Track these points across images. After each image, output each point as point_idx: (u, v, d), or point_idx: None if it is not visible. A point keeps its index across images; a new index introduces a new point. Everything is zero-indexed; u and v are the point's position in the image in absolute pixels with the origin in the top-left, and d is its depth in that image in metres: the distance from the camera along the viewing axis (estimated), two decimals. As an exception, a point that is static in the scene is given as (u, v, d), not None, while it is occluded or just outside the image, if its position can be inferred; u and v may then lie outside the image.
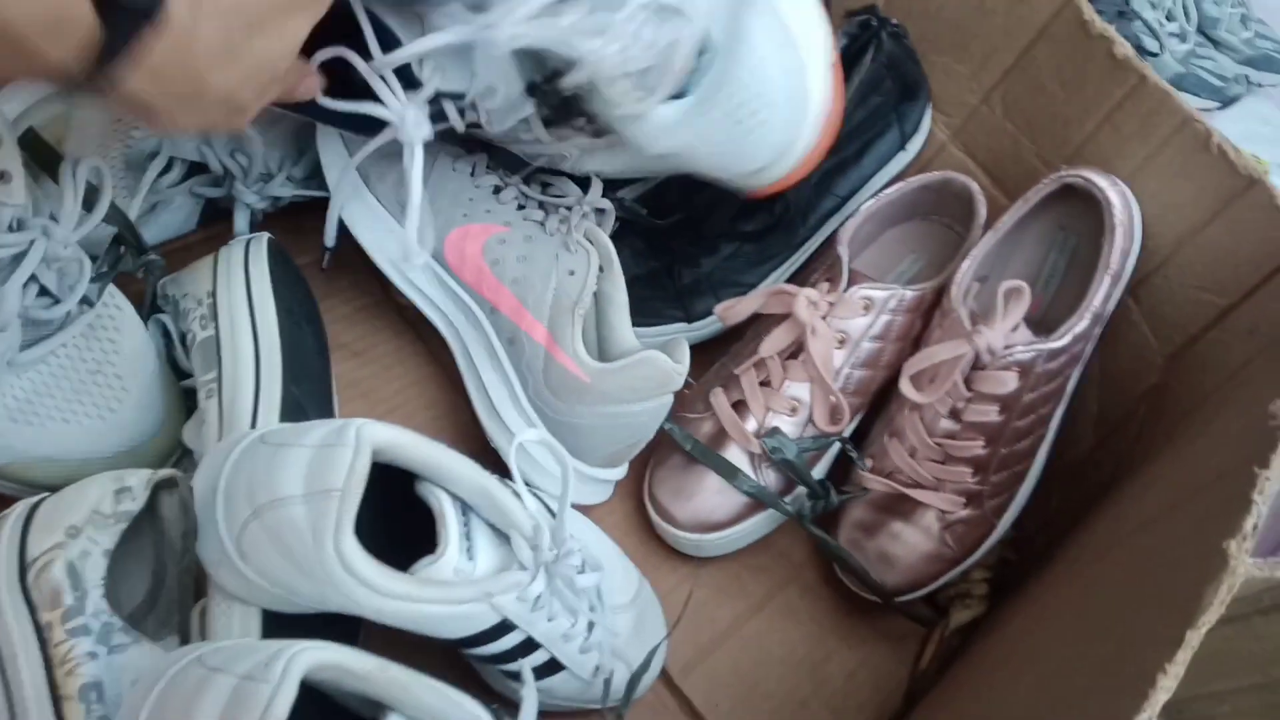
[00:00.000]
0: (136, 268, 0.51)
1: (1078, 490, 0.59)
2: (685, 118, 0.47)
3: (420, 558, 0.41)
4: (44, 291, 0.45)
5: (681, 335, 0.62)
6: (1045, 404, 0.54)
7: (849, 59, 0.63)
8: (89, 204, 0.46)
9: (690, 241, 0.64)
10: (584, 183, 0.55)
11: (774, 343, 0.56)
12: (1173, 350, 0.57)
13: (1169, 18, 1.20)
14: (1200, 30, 1.25)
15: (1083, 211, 0.56)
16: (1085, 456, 0.61)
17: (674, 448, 0.57)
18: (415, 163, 0.45)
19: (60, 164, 0.46)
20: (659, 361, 0.49)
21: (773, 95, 0.48)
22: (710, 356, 0.62)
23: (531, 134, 0.50)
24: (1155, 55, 1.12)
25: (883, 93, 0.64)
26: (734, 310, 0.58)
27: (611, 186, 0.57)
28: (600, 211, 0.56)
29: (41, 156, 0.47)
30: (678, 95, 0.47)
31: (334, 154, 0.54)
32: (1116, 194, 0.54)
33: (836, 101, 0.51)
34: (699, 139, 0.48)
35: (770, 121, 0.49)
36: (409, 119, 0.44)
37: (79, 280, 0.46)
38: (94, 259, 0.48)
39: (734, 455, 0.56)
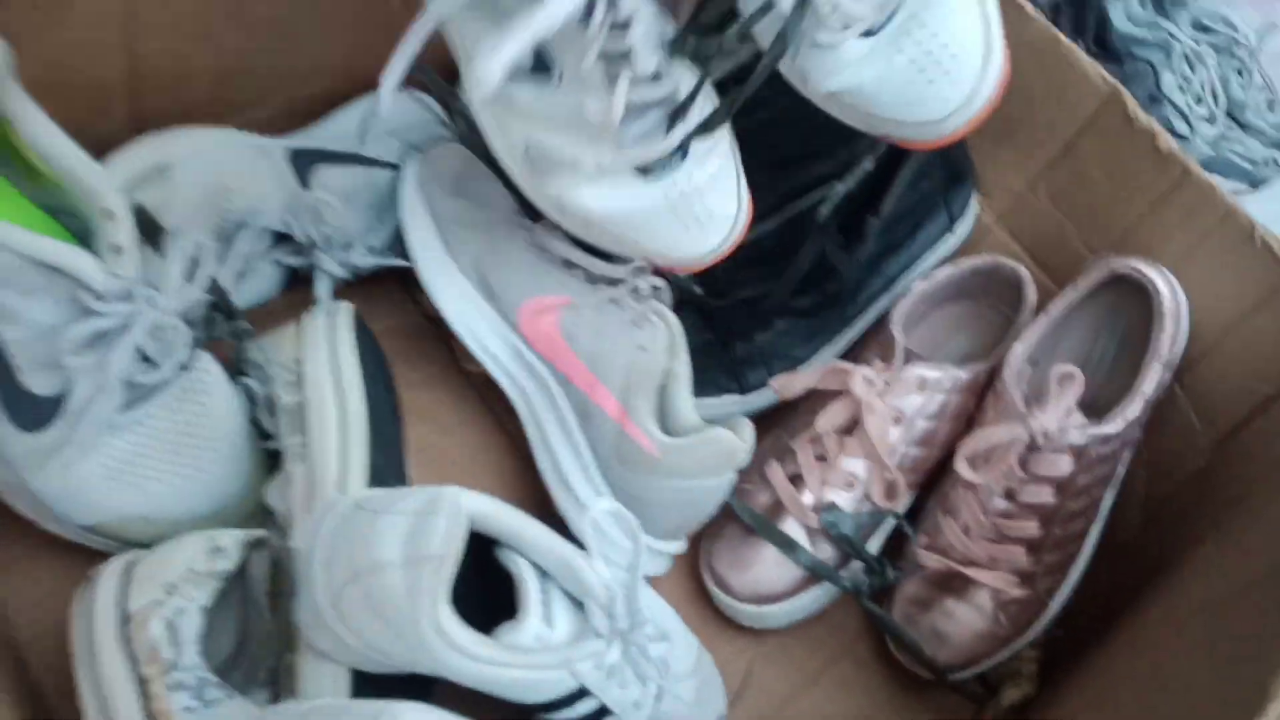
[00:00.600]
0: (227, 334, 0.53)
1: (1127, 570, 0.60)
2: (872, 55, 0.48)
3: (493, 620, 0.43)
4: (144, 357, 0.47)
5: (735, 406, 0.64)
6: (1097, 486, 0.56)
7: (898, 150, 0.65)
8: (189, 274, 0.48)
9: (744, 316, 0.65)
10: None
11: (830, 418, 0.58)
12: (1219, 436, 0.59)
13: (1198, 101, 1.24)
14: (1229, 114, 1.28)
15: (1132, 299, 0.58)
16: (1134, 538, 0.62)
17: (731, 519, 0.59)
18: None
19: (160, 236, 0.49)
20: (727, 439, 0.51)
21: (961, 44, 0.48)
22: (761, 427, 0.63)
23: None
24: (1185, 139, 1.15)
25: (931, 178, 0.66)
26: (791, 385, 0.59)
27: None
28: (656, 289, 0.58)
29: (145, 229, 0.50)
30: (868, 33, 0.48)
31: (419, 220, 0.56)
32: (1164, 283, 0.56)
33: (1007, 62, 0.51)
34: (880, 81, 0.48)
35: (954, 73, 0.49)
36: None
37: (177, 346, 0.48)
38: (188, 323, 0.50)
39: (791, 528, 0.57)
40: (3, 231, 0.41)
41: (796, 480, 0.58)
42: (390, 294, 0.64)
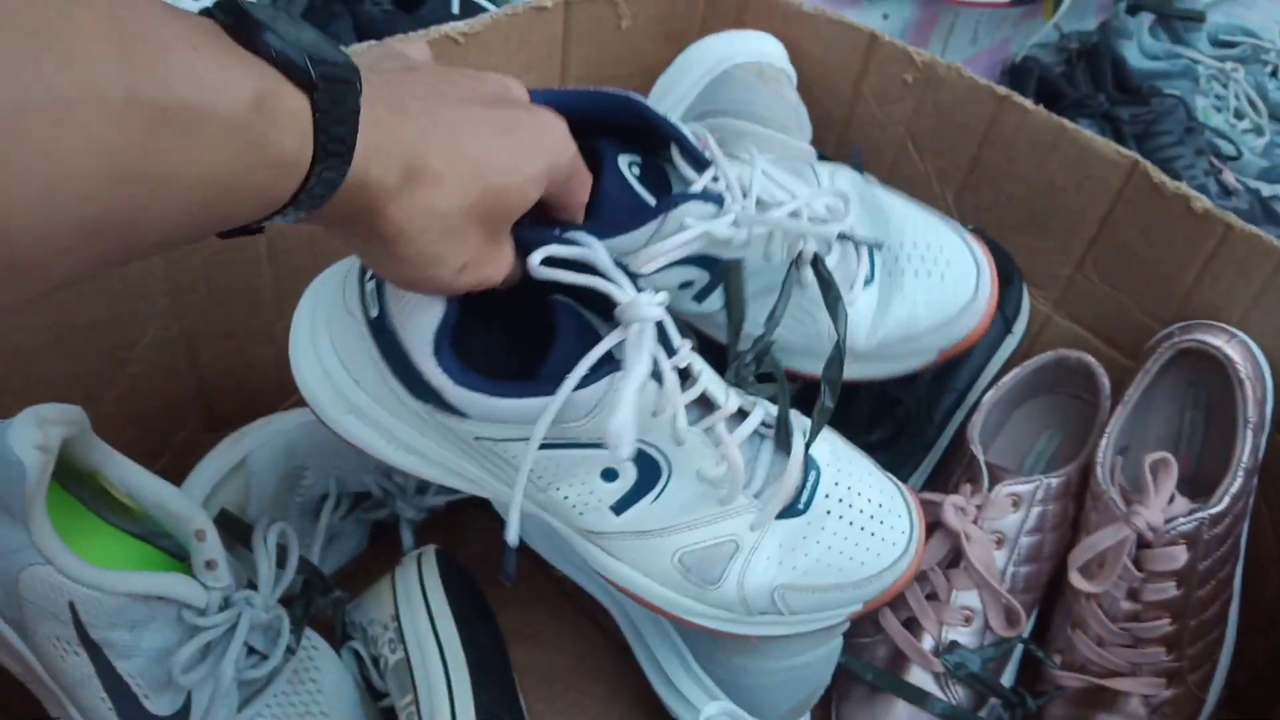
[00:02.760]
0: (326, 607, 0.55)
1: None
2: (884, 291, 0.52)
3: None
4: (252, 651, 0.49)
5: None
6: (1223, 566, 0.53)
7: None
8: (279, 562, 0.51)
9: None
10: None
11: (931, 554, 0.57)
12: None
13: (1238, 116, 1.21)
14: (1274, 118, 1.25)
15: (1207, 369, 0.56)
16: (1277, 597, 0.58)
17: (855, 679, 0.57)
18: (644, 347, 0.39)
19: (249, 533, 0.52)
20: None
21: (939, 242, 0.53)
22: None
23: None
24: (1236, 158, 1.12)
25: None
26: (883, 528, 0.58)
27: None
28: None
29: (233, 530, 0.53)
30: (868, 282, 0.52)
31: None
32: (1236, 347, 0.54)
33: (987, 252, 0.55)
34: (911, 306, 0.52)
35: (954, 262, 0.53)
36: (641, 300, 0.40)
37: (281, 634, 0.50)
38: (286, 603, 0.52)
39: (917, 677, 0.55)
40: (112, 578, 0.43)
41: (912, 625, 0.57)
42: (474, 517, 0.66)
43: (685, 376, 0.43)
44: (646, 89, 0.71)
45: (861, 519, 0.47)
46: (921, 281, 0.52)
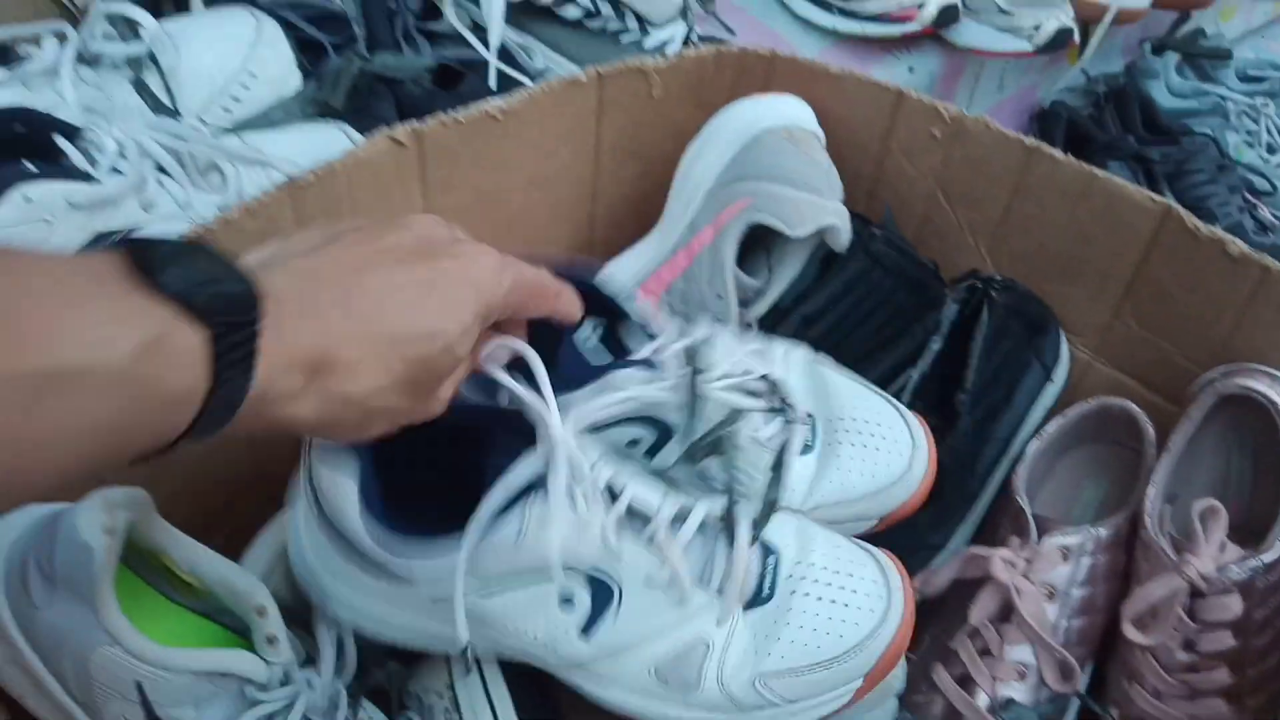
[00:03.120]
0: (381, 679, 0.56)
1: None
2: (822, 462, 0.54)
3: None
4: (311, 725, 0.50)
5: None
6: (1279, 616, 0.52)
7: (965, 321, 0.66)
8: (339, 644, 0.52)
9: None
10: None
11: (982, 609, 0.56)
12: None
13: (1271, 151, 1.21)
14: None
15: (1251, 414, 0.56)
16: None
17: (911, 739, 0.57)
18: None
19: (307, 611, 0.53)
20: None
21: (877, 418, 0.56)
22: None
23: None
24: (1271, 193, 1.12)
25: (1011, 336, 0.66)
26: (933, 583, 0.58)
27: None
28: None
29: (290, 607, 0.54)
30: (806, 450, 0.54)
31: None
32: (1278, 389, 0.54)
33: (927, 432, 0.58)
34: (845, 474, 0.54)
35: (889, 436, 0.56)
36: (559, 425, 0.43)
37: (339, 708, 0.51)
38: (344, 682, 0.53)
39: (973, 734, 0.55)
40: (177, 657, 0.44)
41: (966, 682, 0.56)
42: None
43: (611, 495, 0.45)
44: (678, 155, 0.72)
45: (831, 592, 0.47)
46: (857, 452, 0.54)
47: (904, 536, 0.64)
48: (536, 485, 0.43)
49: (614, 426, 0.51)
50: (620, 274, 0.70)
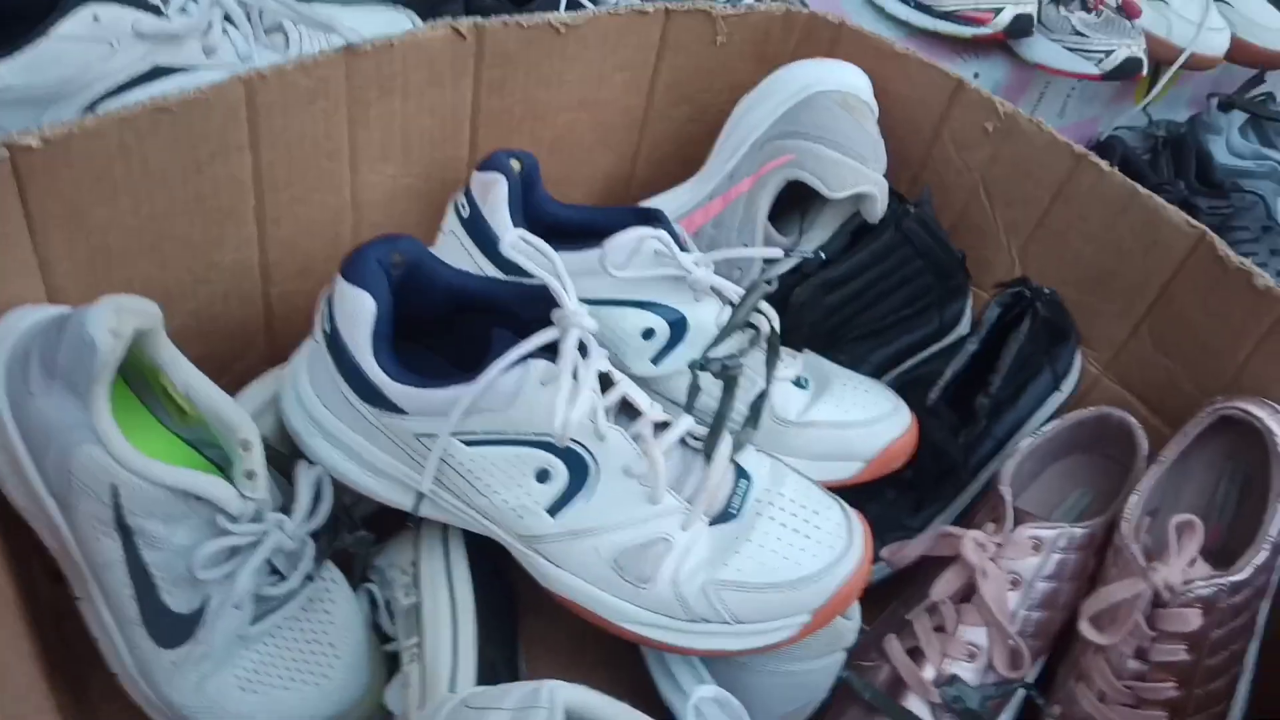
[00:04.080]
0: (351, 544, 0.56)
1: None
2: (812, 399, 0.58)
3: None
4: (273, 570, 0.51)
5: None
6: (1236, 639, 0.52)
7: (1004, 325, 0.66)
8: (315, 497, 0.52)
9: (853, 489, 0.66)
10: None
11: (945, 586, 0.57)
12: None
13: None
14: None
15: (1247, 440, 0.56)
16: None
17: (852, 699, 0.57)
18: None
19: (288, 464, 0.54)
20: (832, 616, 0.51)
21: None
22: (876, 601, 0.62)
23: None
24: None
25: (1034, 340, 0.66)
26: (901, 554, 0.59)
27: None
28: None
29: (275, 455, 0.55)
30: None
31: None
32: (1278, 421, 0.54)
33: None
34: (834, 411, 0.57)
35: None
36: (579, 310, 0.47)
37: (303, 559, 0.52)
38: (314, 536, 0.54)
39: (914, 705, 0.55)
40: (156, 469, 0.45)
41: (916, 654, 0.57)
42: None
43: (606, 383, 0.47)
44: (731, 104, 0.73)
45: (795, 522, 0.48)
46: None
47: (883, 515, 0.65)
48: (541, 355, 0.45)
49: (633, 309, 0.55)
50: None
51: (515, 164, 0.60)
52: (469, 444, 0.46)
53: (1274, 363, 0.58)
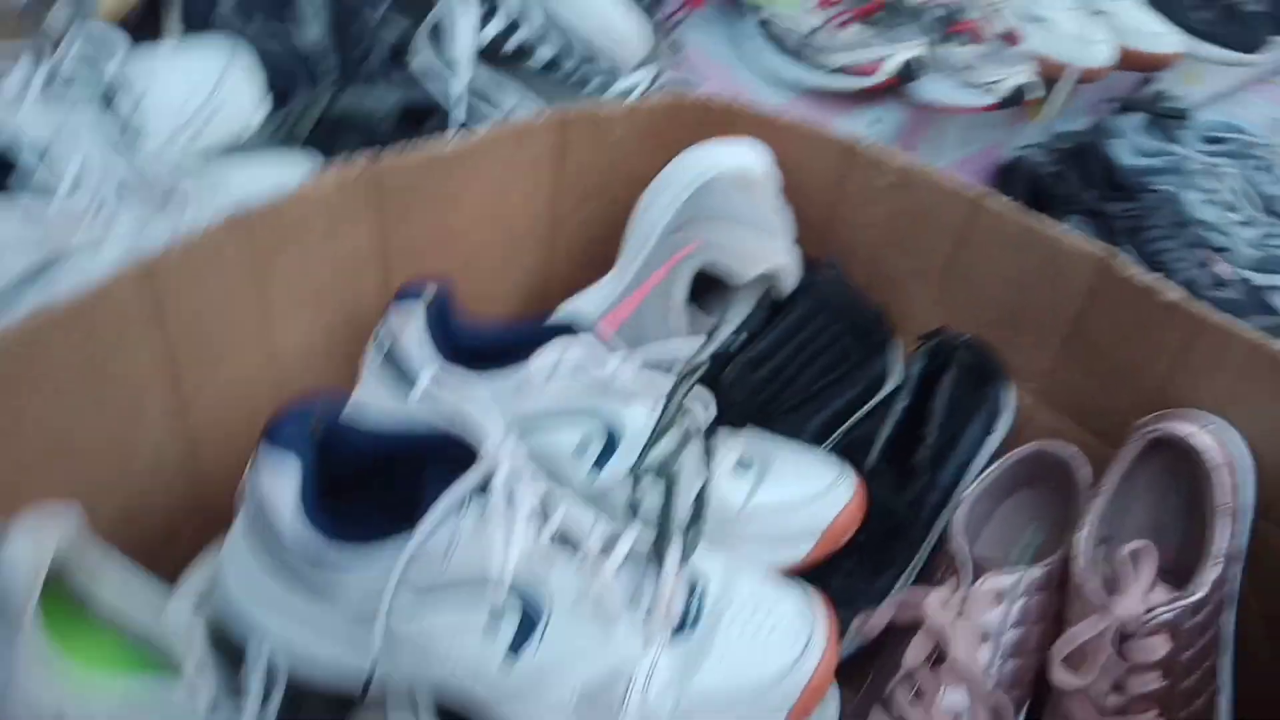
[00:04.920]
0: (321, 710, 0.55)
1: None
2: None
3: None
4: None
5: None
6: (1207, 656, 0.53)
7: (930, 375, 0.68)
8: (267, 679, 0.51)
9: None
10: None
11: (915, 652, 0.56)
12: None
13: (1231, 209, 1.23)
14: (1270, 211, 1.27)
15: (1181, 458, 0.57)
16: (1270, 687, 0.57)
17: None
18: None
19: (239, 651, 0.52)
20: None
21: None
22: (858, 672, 0.61)
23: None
24: (1227, 250, 1.14)
25: (961, 386, 0.67)
26: (870, 626, 0.59)
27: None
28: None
29: (222, 642, 0.53)
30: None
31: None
32: (1208, 436, 0.55)
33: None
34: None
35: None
36: (505, 443, 0.46)
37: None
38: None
39: (907, 777, 0.55)
40: (101, 683, 0.44)
41: (900, 724, 0.56)
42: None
43: (547, 510, 0.46)
44: (636, 197, 0.74)
45: (756, 619, 0.48)
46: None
47: (846, 587, 0.65)
48: (473, 496, 0.44)
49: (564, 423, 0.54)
50: (577, 312, 0.71)
51: (430, 292, 0.60)
52: (410, 621, 0.45)
53: (1195, 374, 0.59)
